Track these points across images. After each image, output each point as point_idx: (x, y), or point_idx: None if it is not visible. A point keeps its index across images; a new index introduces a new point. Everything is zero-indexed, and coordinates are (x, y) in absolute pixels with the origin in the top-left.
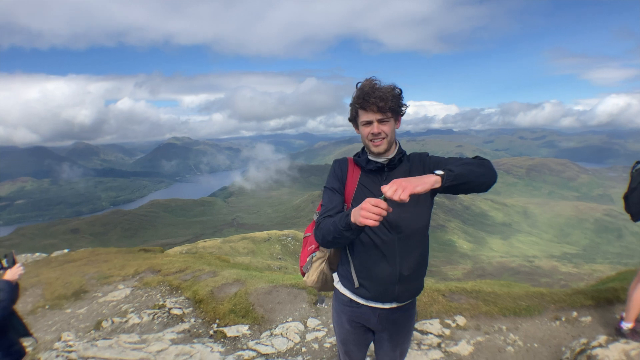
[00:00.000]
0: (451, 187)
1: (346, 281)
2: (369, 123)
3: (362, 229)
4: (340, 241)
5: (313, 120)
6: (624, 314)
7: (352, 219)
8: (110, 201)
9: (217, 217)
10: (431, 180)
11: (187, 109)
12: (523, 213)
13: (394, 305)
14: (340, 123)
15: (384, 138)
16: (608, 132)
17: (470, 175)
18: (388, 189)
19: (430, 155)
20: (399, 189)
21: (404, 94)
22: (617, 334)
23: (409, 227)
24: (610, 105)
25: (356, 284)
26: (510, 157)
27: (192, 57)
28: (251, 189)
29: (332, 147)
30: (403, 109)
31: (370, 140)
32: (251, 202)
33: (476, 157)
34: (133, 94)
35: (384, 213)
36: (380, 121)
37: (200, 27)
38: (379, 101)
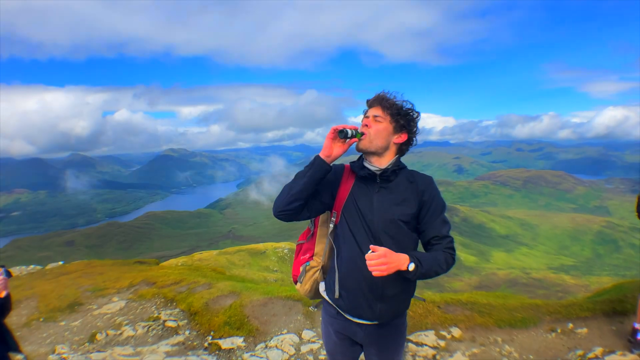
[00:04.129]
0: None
1: (329, 291)
2: (366, 118)
3: (328, 166)
4: (296, 187)
5: (311, 132)
6: (638, 325)
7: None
8: (106, 213)
9: (213, 229)
10: (402, 267)
11: (185, 121)
12: (520, 225)
13: (376, 322)
14: None
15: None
16: (605, 144)
17: (429, 275)
18: (374, 259)
19: (431, 191)
20: (382, 265)
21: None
22: (634, 346)
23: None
24: (607, 118)
25: (336, 293)
26: (507, 169)
27: (192, 68)
28: (247, 201)
29: None
30: (403, 121)
31: None
32: (248, 214)
33: (451, 252)
34: (131, 106)
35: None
36: (375, 117)
37: (202, 39)
38: (380, 99)
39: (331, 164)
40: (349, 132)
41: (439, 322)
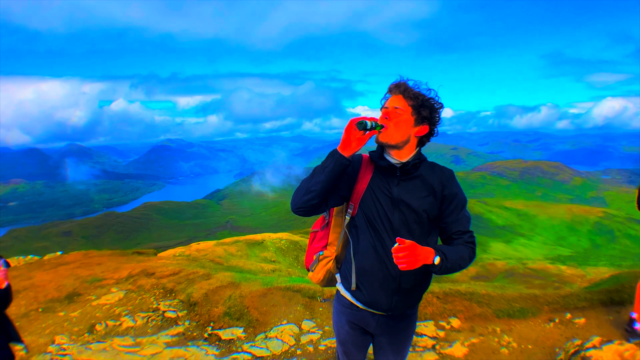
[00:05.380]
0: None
1: (346, 282)
2: (386, 109)
3: (347, 161)
4: (314, 183)
5: (309, 122)
6: (635, 315)
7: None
8: (104, 203)
9: (210, 219)
10: (428, 261)
11: (183, 111)
12: (517, 216)
13: (390, 313)
14: (335, 125)
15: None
16: (602, 135)
17: (454, 269)
18: (401, 252)
19: (453, 185)
20: (409, 257)
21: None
22: (631, 335)
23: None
24: (605, 109)
25: (353, 285)
26: (504, 160)
27: (189, 58)
28: (245, 192)
29: (327, 149)
30: (425, 113)
31: None
32: (245, 204)
33: (472, 246)
34: (128, 95)
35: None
36: (395, 109)
37: (200, 28)
38: (401, 88)
39: (350, 158)
40: (368, 124)
41: (438, 313)
